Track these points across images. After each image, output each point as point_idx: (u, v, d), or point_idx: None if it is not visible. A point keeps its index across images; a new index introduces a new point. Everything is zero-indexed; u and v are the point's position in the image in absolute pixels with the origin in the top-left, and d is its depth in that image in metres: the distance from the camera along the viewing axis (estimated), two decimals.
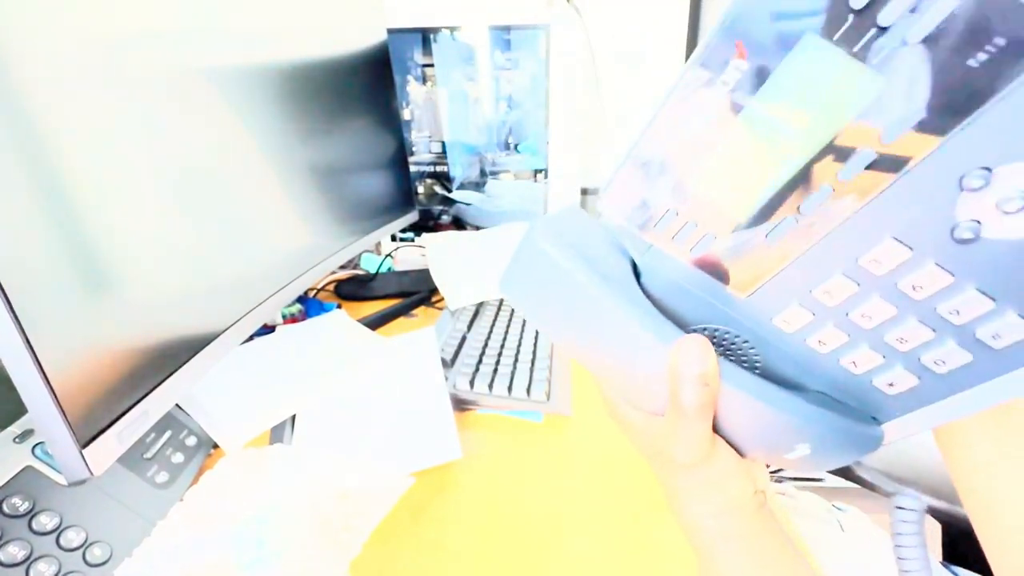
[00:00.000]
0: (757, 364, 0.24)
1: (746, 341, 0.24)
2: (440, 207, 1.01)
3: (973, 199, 0.17)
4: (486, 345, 0.64)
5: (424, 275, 0.86)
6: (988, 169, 0.16)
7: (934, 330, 0.20)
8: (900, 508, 0.24)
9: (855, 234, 0.19)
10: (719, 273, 0.22)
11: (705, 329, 0.24)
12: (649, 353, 0.23)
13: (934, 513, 0.84)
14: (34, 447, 0.37)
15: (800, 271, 0.21)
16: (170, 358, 0.39)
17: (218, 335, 0.44)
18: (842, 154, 0.18)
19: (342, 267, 0.93)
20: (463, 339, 0.67)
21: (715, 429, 0.24)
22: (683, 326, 0.23)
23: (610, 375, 0.26)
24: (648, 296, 0.24)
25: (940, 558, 0.70)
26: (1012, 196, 0.16)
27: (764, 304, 0.22)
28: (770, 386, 0.23)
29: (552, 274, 0.24)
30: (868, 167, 0.17)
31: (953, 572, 0.65)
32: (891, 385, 0.23)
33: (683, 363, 0.22)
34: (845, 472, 0.84)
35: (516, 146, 0.98)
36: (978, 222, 0.17)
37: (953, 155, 0.16)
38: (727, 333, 0.24)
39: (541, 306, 0.26)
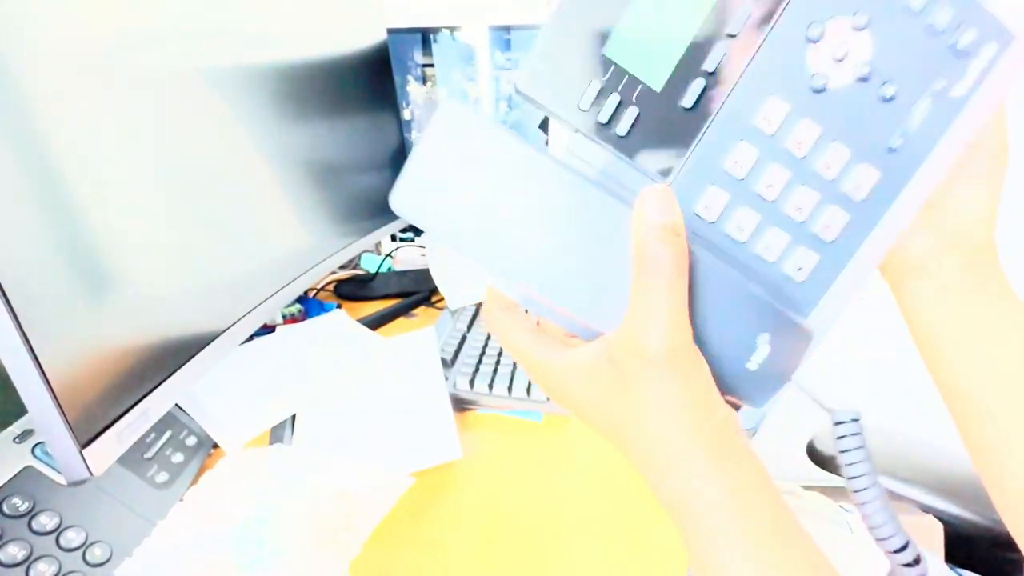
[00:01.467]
0: None
1: None
2: None
3: (817, 51, 0.21)
4: (486, 345, 0.64)
5: (424, 275, 0.86)
6: (822, 23, 0.21)
7: (819, 192, 0.23)
8: (839, 423, 0.25)
9: (748, 97, 0.21)
10: (647, 158, 0.22)
11: None
12: (607, 218, 0.21)
13: (936, 514, 0.84)
14: (34, 447, 0.37)
15: (711, 143, 0.22)
16: (170, 358, 0.39)
17: (218, 335, 0.44)
18: (729, 11, 0.20)
19: (342, 267, 0.93)
20: (463, 339, 0.66)
21: None
22: None
23: (551, 282, 0.21)
24: None
25: (942, 558, 0.69)
26: (838, 45, 0.21)
27: (687, 189, 0.22)
28: (727, 267, 0.22)
29: (479, 151, 0.20)
30: (747, 23, 0.21)
31: (958, 573, 0.65)
32: (799, 270, 0.24)
33: (649, 213, 0.19)
34: None
35: None
36: (825, 74, 0.21)
37: (798, 12, 0.21)
38: None
39: (459, 202, 0.21)
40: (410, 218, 0.21)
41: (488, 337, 0.66)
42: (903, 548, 0.23)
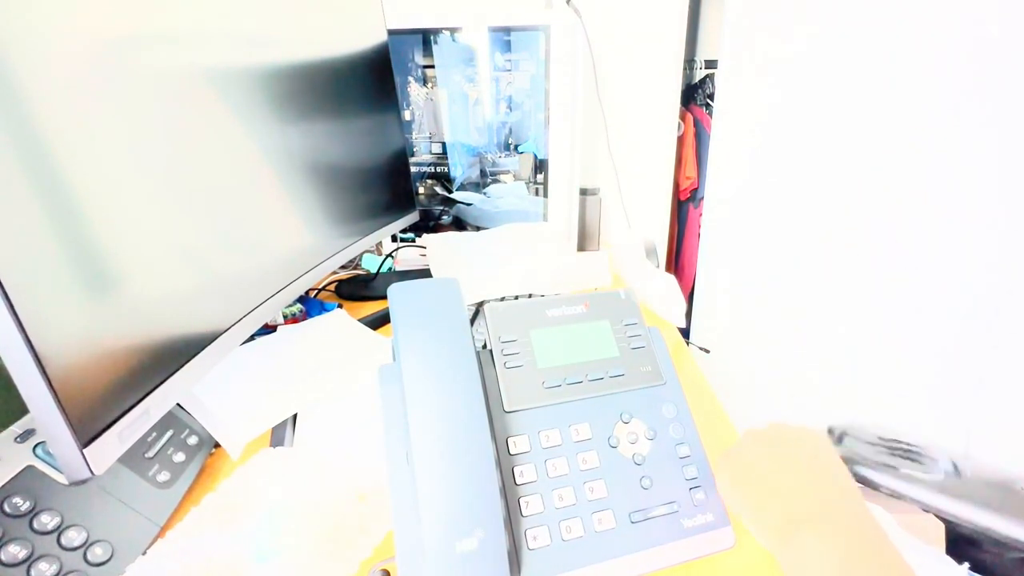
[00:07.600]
0: None
1: None
2: (440, 207, 1.01)
3: (622, 428, 0.36)
4: (485, 344, 0.64)
5: (424, 275, 0.86)
6: (631, 414, 0.37)
7: (575, 499, 0.33)
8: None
9: (571, 415, 0.37)
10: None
11: None
12: None
13: (936, 514, 0.84)
14: (35, 447, 0.37)
15: (552, 416, 0.37)
16: (171, 357, 0.39)
17: (219, 335, 0.44)
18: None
19: (343, 267, 0.93)
20: None
21: None
22: None
23: None
24: None
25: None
26: (636, 433, 0.36)
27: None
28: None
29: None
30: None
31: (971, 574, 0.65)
32: (535, 539, 0.31)
33: None
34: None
35: (516, 147, 0.98)
36: (616, 441, 0.36)
37: (616, 404, 0.37)
38: None
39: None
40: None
41: (487, 336, 0.66)
42: None
